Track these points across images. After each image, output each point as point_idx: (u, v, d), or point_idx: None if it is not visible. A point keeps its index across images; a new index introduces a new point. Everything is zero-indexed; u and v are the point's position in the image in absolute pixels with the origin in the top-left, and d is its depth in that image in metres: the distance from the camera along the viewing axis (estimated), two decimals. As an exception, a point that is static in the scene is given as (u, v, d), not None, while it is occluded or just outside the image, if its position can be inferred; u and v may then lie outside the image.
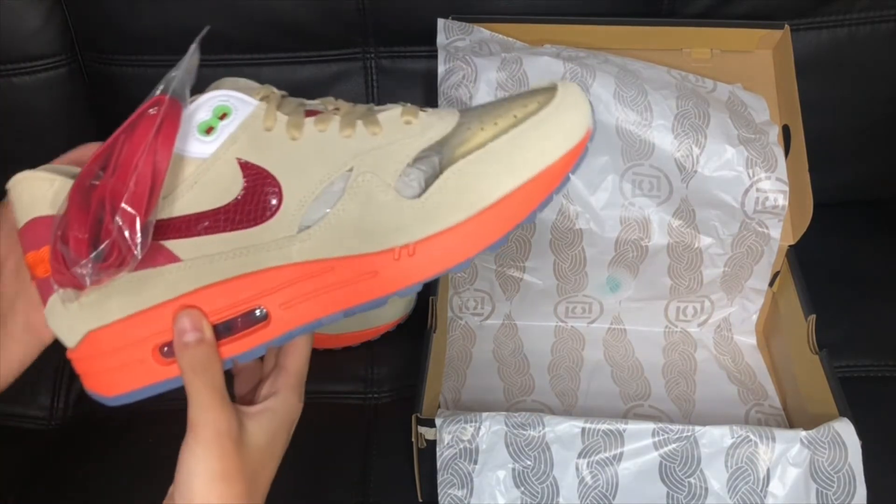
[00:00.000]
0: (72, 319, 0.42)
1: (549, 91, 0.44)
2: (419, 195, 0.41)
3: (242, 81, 0.45)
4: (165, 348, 0.42)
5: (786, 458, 0.59)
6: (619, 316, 0.78)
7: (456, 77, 0.72)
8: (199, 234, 0.41)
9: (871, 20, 0.80)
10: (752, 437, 0.59)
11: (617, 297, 0.77)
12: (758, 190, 0.71)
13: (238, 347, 0.43)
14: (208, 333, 0.42)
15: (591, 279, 0.76)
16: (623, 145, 0.72)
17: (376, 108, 0.44)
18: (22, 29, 0.77)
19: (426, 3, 0.77)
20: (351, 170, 0.41)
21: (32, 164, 0.49)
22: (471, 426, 0.60)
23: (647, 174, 0.72)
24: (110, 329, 0.42)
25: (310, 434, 0.51)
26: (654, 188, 0.72)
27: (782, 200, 0.71)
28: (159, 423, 0.71)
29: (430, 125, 0.42)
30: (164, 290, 0.41)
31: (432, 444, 0.60)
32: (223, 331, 0.42)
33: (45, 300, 0.42)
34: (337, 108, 0.44)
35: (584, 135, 0.43)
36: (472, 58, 0.72)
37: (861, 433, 0.59)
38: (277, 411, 0.45)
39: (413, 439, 0.62)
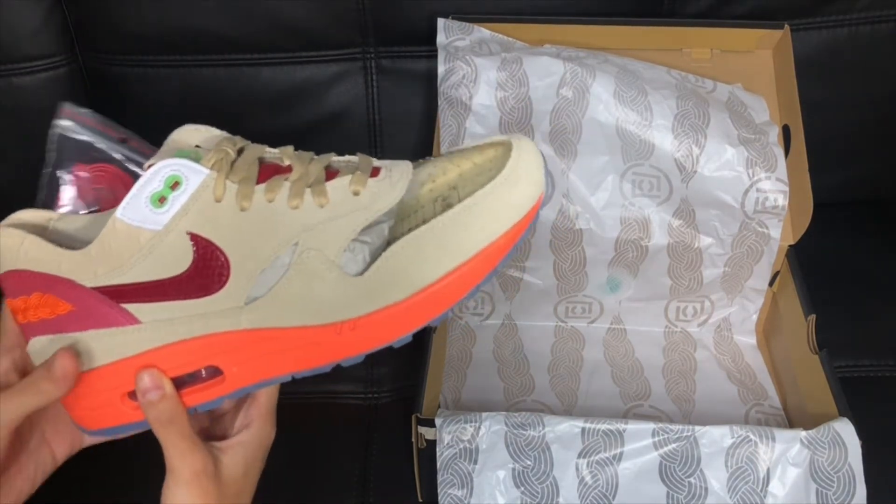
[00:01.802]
0: (48, 354, 0.44)
1: (501, 156, 0.43)
2: (362, 271, 0.42)
3: (203, 130, 0.45)
4: (132, 395, 0.45)
5: (786, 458, 0.59)
6: (619, 316, 0.78)
7: (456, 77, 0.72)
8: (155, 301, 0.43)
9: (871, 20, 0.80)
10: (752, 437, 0.59)
11: (617, 297, 0.77)
12: (758, 190, 0.71)
13: (196, 399, 0.46)
14: (169, 389, 0.44)
15: (591, 279, 0.76)
16: (623, 145, 0.72)
17: (334, 160, 0.45)
18: (22, 29, 0.77)
19: (426, 3, 0.77)
20: (297, 244, 0.42)
21: (32, 165, 0.49)
22: (471, 426, 0.60)
23: (647, 174, 0.72)
24: (82, 377, 0.45)
25: (310, 434, 0.51)
26: (654, 188, 0.72)
27: (782, 200, 0.71)
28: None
29: (378, 195, 0.42)
30: (126, 348, 0.44)
31: (432, 444, 0.60)
32: (181, 384, 0.45)
33: (27, 340, 0.45)
34: (289, 168, 0.43)
35: (533, 205, 0.43)
36: (472, 58, 0.72)
37: (861, 433, 0.59)
38: (251, 443, 0.47)
39: (413, 439, 0.62)
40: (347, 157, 0.45)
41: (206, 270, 0.42)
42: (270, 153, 0.45)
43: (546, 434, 0.59)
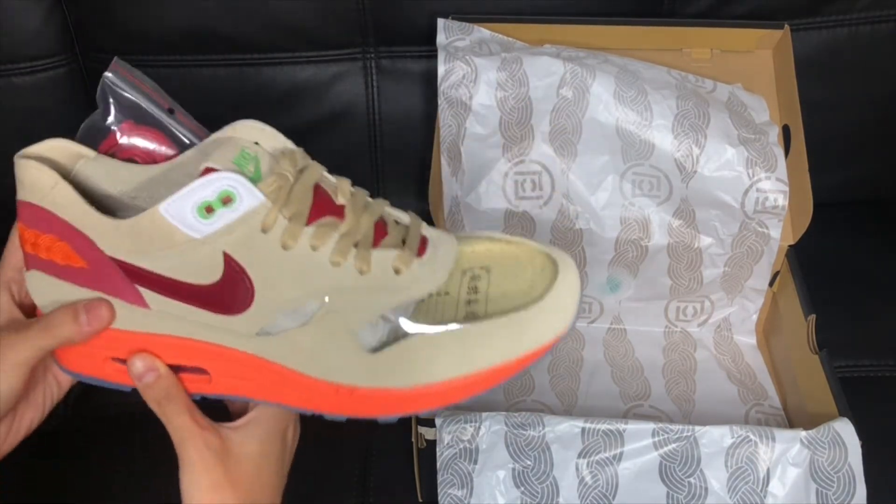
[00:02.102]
0: (47, 293, 0.45)
1: (543, 275, 0.43)
2: (376, 348, 0.42)
3: (267, 132, 0.44)
4: (117, 360, 0.45)
5: (786, 458, 0.59)
6: (619, 316, 0.78)
7: (456, 77, 0.72)
8: (169, 297, 0.43)
9: (871, 20, 0.80)
10: (752, 436, 0.59)
11: (617, 297, 0.77)
12: (758, 190, 0.71)
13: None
14: (163, 370, 0.45)
15: (591, 279, 0.76)
16: (623, 145, 0.72)
17: (387, 211, 0.44)
18: (22, 29, 0.77)
19: (426, 3, 0.77)
20: (325, 300, 0.42)
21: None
22: (471, 426, 0.59)
23: (647, 174, 0.72)
24: None
25: (309, 435, 0.51)
26: (654, 188, 0.72)
27: (782, 200, 0.71)
28: (159, 423, 0.72)
29: (418, 280, 0.42)
30: (126, 322, 0.44)
31: (432, 444, 0.60)
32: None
33: (28, 268, 0.45)
34: (341, 211, 0.43)
35: (554, 339, 0.43)
36: (472, 58, 0.72)
37: (861, 433, 0.58)
38: (261, 419, 0.46)
39: (413, 439, 0.62)
40: (398, 214, 0.45)
41: (230, 292, 0.42)
42: (327, 181, 0.44)
43: (546, 434, 0.59)
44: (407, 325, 0.42)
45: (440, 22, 0.75)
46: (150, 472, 0.68)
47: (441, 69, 0.72)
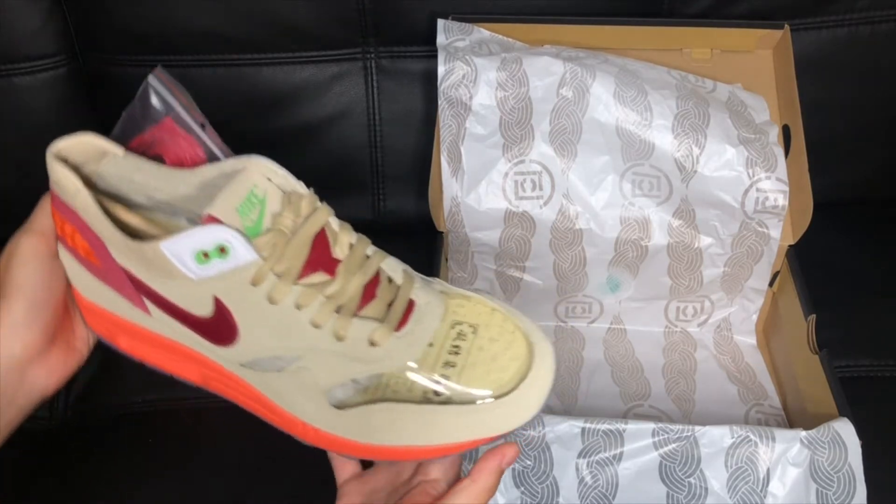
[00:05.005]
0: (73, 273, 0.47)
1: (518, 361, 0.44)
2: (342, 406, 0.44)
3: (280, 175, 0.44)
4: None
5: (786, 458, 0.59)
6: (619, 316, 0.78)
7: (456, 77, 0.72)
8: (170, 315, 0.45)
9: (871, 20, 0.80)
10: (752, 436, 0.59)
11: (617, 297, 0.77)
12: (758, 190, 0.71)
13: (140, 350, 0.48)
14: None
15: (591, 279, 0.76)
16: (623, 145, 0.72)
17: (384, 265, 0.45)
18: (22, 29, 0.77)
19: (426, 3, 0.77)
20: (299, 357, 0.43)
21: (33, 164, 0.49)
22: (471, 426, 0.60)
23: (647, 174, 0.72)
24: (90, 304, 0.48)
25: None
26: (654, 188, 0.72)
27: (782, 200, 0.71)
28: (159, 423, 0.72)
29: (391, 354, 0.43)
30: (130, 316, 0.46)
31: (432, 444, 0.60)
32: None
33: (59, 244, 0.47)
34: (334, 266, 0.44)
35: (511, 430, 0.44)
36: (472, 58, 0.72)
37: (861, 433, 0.59)
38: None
39: (413, 439, 0.62)
40: (393, 271, 0.46)
41: (219, 328, 0.44)
42: (331, 227, 0.45)
43: (546, 434, 0.59)
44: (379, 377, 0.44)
45: (440, 22, 0.75)
46: (150, 472, 0.68)
47: (441, 69, 0.72)
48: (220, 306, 0.43)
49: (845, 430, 0.59)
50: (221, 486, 0.66)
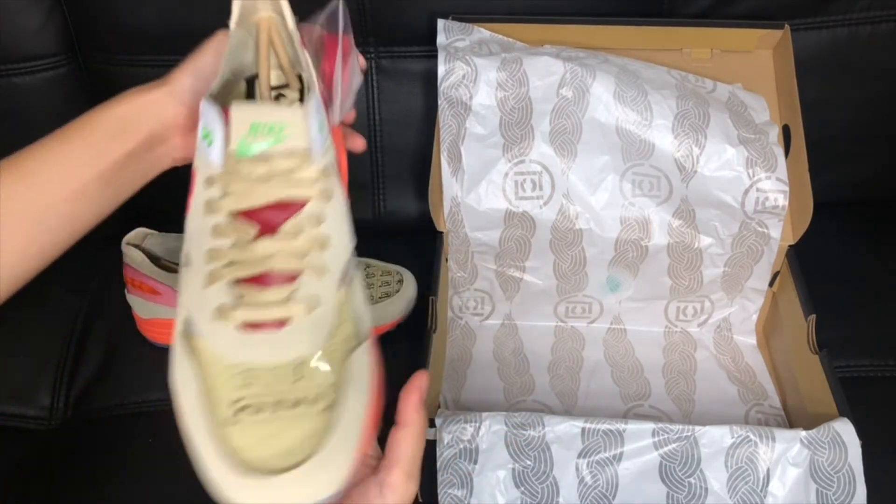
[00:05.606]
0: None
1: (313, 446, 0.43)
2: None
3: None
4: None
5: (786, 458, 0.59)
6: (619, 316, 0.78)
7: (456, 77, 0.72)
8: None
9: (871, 20, 0.80)
10: (752, 436, 0.59)
11: (617, 297, 0.77)
12: (758, 190, 0.71)
13: None
14: None
15: (591, 279, 0.76)
16: (623, 145, 0.72)
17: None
18: (22, 29, 0.77)
19: (426, 4, 0.77)
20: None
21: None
22: (471, 426, 0.60)
23: (647, 174, 0.72)
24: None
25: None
26: (654, 188, 0.72)
27: (782, 200, 0.71)
28: (159, 423, 0.72)
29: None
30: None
31: (432, 445, 0.60)
32: None
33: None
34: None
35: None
36: (472, 58, 0.72)
37: (861, 433, 0.59)
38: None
39: (413, 439, 0.62)
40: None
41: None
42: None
43: (546, 434, 0.59)
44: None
45: (440, 22, 0.75)
46: (149, 472, 0.68)
47: (441, 69, 0.72)
48: None
49: (845, 430, 0.59)
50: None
